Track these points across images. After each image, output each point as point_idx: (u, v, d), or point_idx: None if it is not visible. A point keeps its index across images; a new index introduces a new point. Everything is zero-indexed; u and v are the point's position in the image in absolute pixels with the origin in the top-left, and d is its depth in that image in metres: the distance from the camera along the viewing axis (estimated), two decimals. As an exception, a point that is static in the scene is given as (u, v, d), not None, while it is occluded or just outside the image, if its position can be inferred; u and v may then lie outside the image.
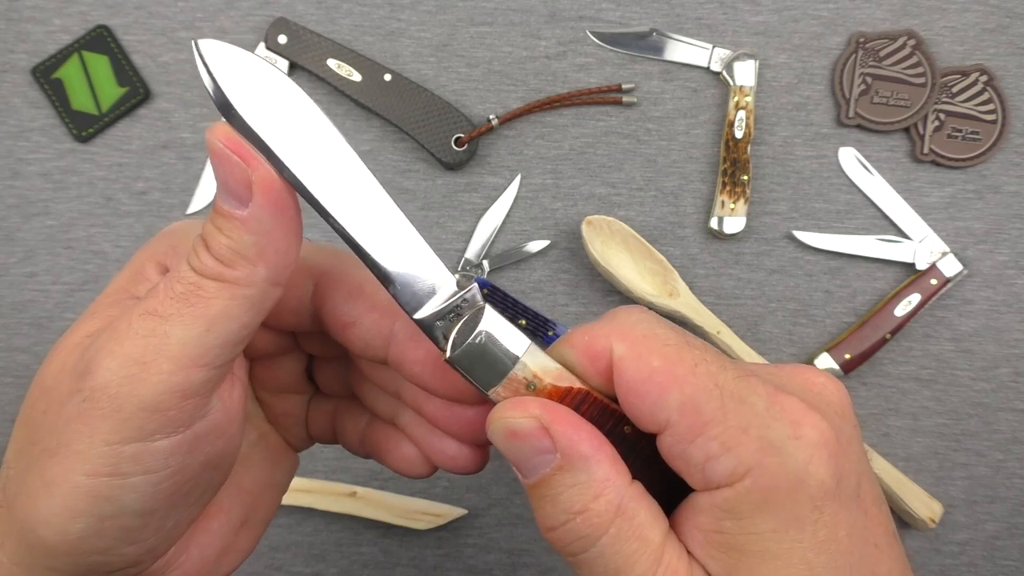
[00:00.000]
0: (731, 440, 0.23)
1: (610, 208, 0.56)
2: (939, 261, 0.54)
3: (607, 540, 0.23)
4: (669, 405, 0.23)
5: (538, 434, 0.24)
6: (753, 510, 0.23)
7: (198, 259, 0.24)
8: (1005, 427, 0.54)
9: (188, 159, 0.56)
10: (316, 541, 0.54)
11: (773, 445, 0.23)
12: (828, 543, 0.23)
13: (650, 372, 0.24)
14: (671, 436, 0.23)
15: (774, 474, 0.22)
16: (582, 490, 0.23)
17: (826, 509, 0.23)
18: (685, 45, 0.57)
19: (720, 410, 0.23)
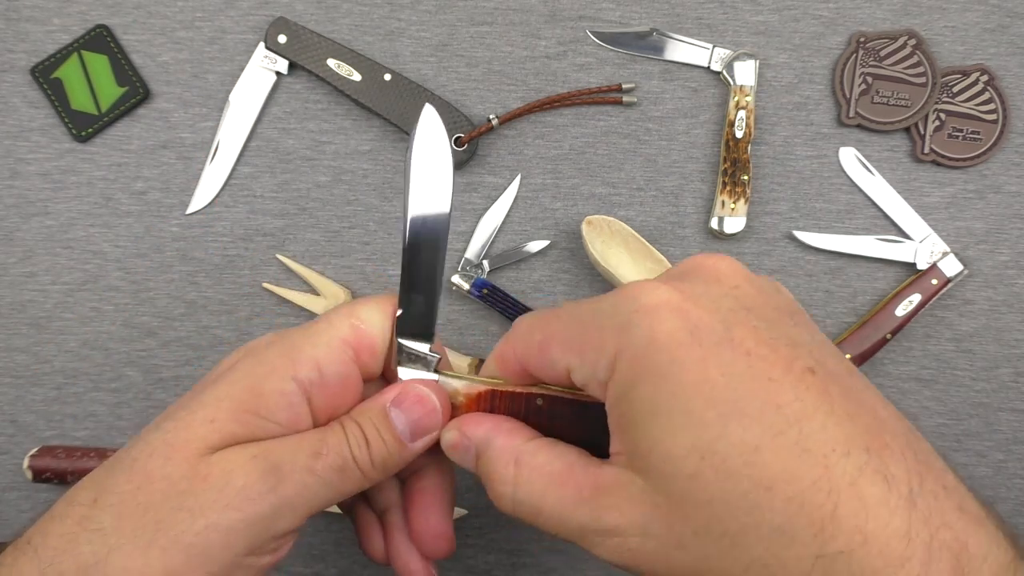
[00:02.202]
0: (598, 342, 0.27)
1: (610, 208, 0.56)
2: (940, 261, 0.54)
3: (520, 486, 0.29)
4: (556, 356, 0.29)
5: (460, 438, 0.31)
6: (631, 386, 0.26)
7: (359, 451, 0.31)
8: (1006, 427, 0.54)
9: (187, 159, 0.56)
10: (316, 541, 0.54)
11: (622, 325, 0.27)
12: (701, 384, 0.25)
13: (537, 345, 0.30)
14: (575, 373, 0.29)
15: (630, 346, 0.26)
16: (496, 457, 0.30)
17: (686, 357, 0.25)
18: (685, 45, 0.56)
19: (584, 330, 0.28)
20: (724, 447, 0.24)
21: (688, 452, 0.24)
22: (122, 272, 0.55)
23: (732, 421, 0.24)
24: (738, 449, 0.24)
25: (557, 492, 0.28)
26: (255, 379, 0.31)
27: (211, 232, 0.56)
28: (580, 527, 0.27)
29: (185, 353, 0.55)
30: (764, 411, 0.24)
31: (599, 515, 0.27)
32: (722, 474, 0.24)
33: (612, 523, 0.26)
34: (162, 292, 0.55)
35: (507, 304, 0.54)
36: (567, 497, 0.28)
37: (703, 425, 0.24)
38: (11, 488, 0.54)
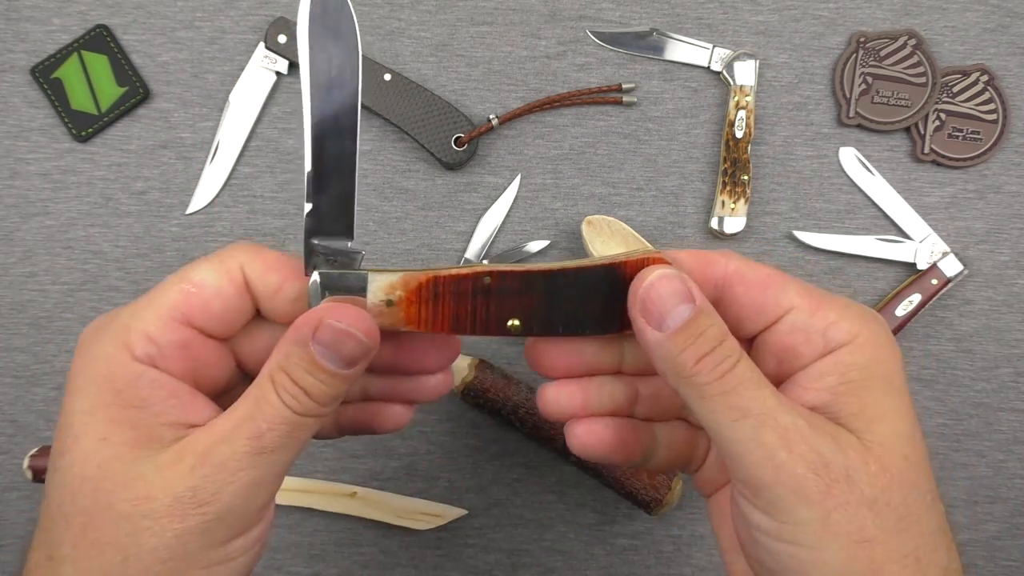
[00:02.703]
0: (841, 312, 0.30)
1: (610, 208, 0.56)
2: (940, 261, 0.54)
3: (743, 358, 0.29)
4: (790, 292, 0.30)
5: (680, 285, 0.29)
6: (870, 361, 0.29)
7: (299, 403, 0.29)
8: (1006, 427, 0.54)
9: (187, 159, 0.56)
10: (316, 541, 0.54)
11: (865, 316, 0.30)
12: (905, 389, 0.30)
13: (767, 274, 0.31)
14: (796, 314, 0.30)
15: (873, 332, 0.30)
16: (717, 325, 0.29)
17: (903, 372, 0.30)
18: (685, 45, 0.56)
19: (825, 295, 0.30)
20: (922, 448, 0.29)
21: (909, 434, 0.29)
22: (122, 272, 0.55)
23: (917, 432, 0.29)
24: (922, 455, 0.29)
25: (776, 391, 0.29)
26: (103, 377, 0.29)
27: (211, 232, 0.56)
28: (792, 426, 0.28)
29: (185, 353, 0.55)
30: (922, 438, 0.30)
31: (817, 431, 0.28)
32: (921, 468, 0.29)
33: (826, 449, 0.28)
34: (162, 292, 0.55)
35: (507, 304, 0.54)
36: (785, 401, 0.29)
37: (913, 422, 0.29)
38: (11, 488, 0.54)
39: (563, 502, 0.54)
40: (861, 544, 0.27)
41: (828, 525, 0.27)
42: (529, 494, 0.54)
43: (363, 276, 0.30)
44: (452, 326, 0.31)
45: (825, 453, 0.27)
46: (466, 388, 0.51)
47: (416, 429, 0.54)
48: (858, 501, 0.27)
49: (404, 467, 0.54)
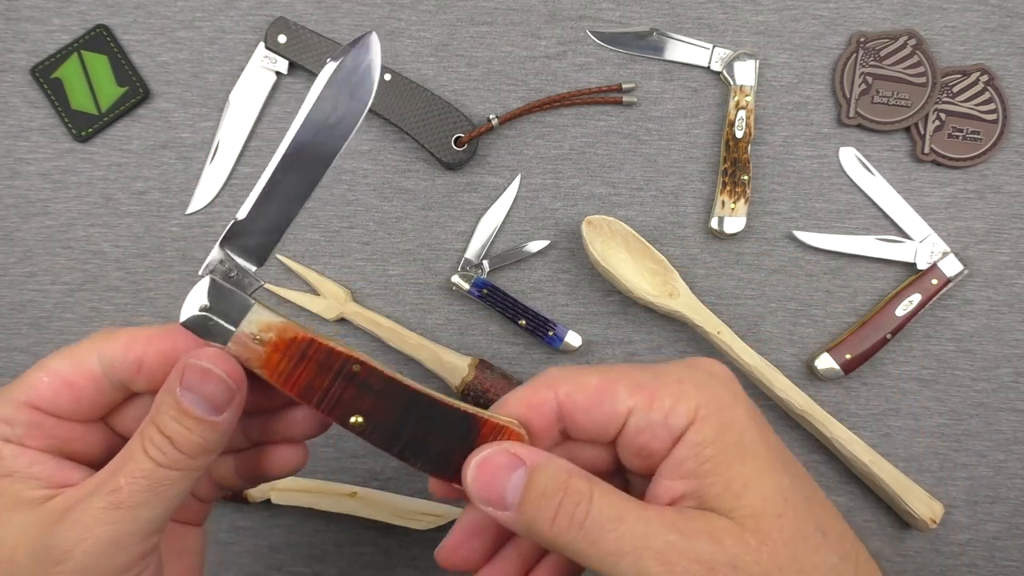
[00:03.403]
0: (676, 392, 0.30)
1: (610, 208, 0.56)
2: (940, 261, 0.54)
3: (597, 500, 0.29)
4: (621, 396, 0.30)
5: (509, 456, 0.29)
6: (717, 434, 0.29)
7: (163, 455, 0.29)
8: (1006, 427, 0.54)
9: (187, 159, 0.56)
10: (316, 541, 0.54)
11: (703, 384, 0.30)
12: (768, 444, 0.30)
13: (595, 386, 0.30)
14: (634, 416, 0.30)
15: (715, 400, 0.29)
16: (566, 471, 0.29)
17: (755, 417, 0.30)
18: (685, 45, 0.56)
19: (658, 379, 0.30)
20: (795, 495, 0.29)
21: (776, 493, 0.28)
22: (122, 272, 0.55)
23: (794, 476, 0.30)
24: (803, 497, 0.29)
25: (641, 511, 0.28)
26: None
27: (211, 232, 0.56)
28: (669, 546, 0.27)
29: (185, 353, 0.55)
30: (803, 474, 0.31)
31: (693, 540, 0.27)
32: (799, 515, 0.28)
33: (705, 551, 0.27)
34: (162, 292, 0.55)
35: (507, 304, 0.54)
36: (653, 518, 0.28)
37: (780, 474, 0.29)
38: (11, 488, 0.54)
39: (563, 502, 0.54)
40: None
41: None
42: (529, 494, 0.54)
43: (248, 304, 0.30)
44: (302, 392, 0.30)
45: (705, 556, 0.27)
46: (466, 388, 0.51)
47: (416, 429, 0.54)
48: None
49: (404, 467, 0.54)
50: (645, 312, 0.55)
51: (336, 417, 0.31)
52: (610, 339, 0.55)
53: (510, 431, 0.30)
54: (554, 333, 0.54)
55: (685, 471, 0.29)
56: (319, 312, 0.54)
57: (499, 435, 0.30)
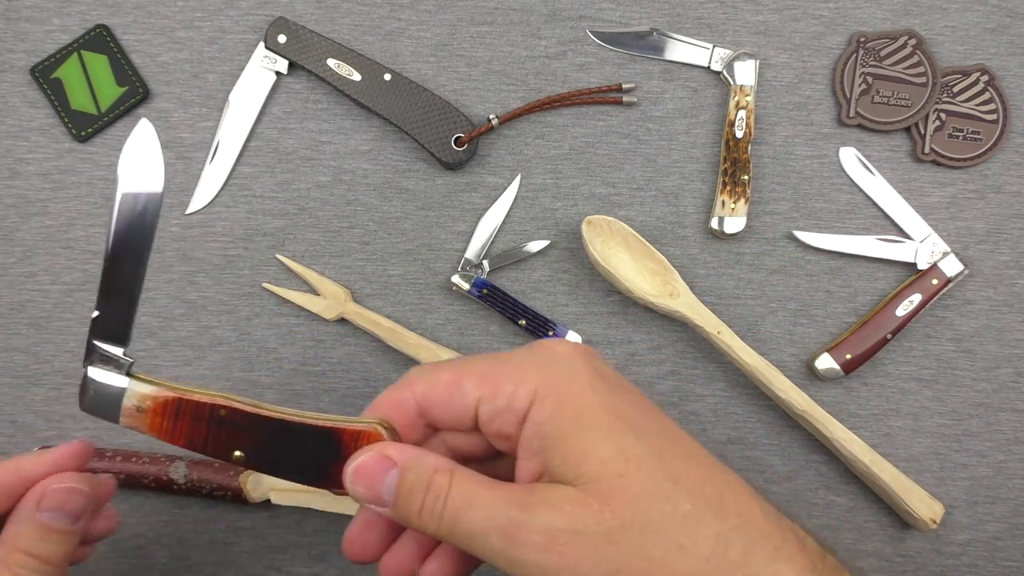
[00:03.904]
0: (516, 377, 0.32)
1: (610, 208, 0.56)
2: (940, 261, 0.54)
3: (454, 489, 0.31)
4: (468, 388, 0.32)
5: (380, 459, 0.32)
6: (556, 409, 0.31)
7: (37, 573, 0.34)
8: (1007, 427, 0.54)
9: (187, 159, 0.56)
10: (316, 541, 0.53)
11: (543, 364, 0.32)
12: (613, 409, 0.31)
13: (447, 381, 0.33)
14: (483, 405, 0.32)
15: (553, 378, 0.31)
16: (432, 467, 0.31)
17: (599, 390, 0.31)
18: (685, 45, 0.56)
19: (501, 367, 0.32)
20: (640, 451, 0.30)
21: (615, 455, 0.30)
22: (122, 272, 0.55)
23: (642, 434, 0.31)
24: (651, 453, 0.30)
25: (489, 494, 0.30)
26: None
27: (211, 232, 0.56)
28: (511, 521, 0.29)
29: (185, 353, 0.55)
30: (659, 429, 0.32)
31: (532, 512, 0.29)
32: (643, 472, 0.30)
33: (545, 520, 0.29)
34: (162, 292, 0.55)
35: (507, 304, 0.54)
36: (499, 498, 0.30)
37: (622, 435, 0.30)
38: (11, 488, 0.54)
39: (563, 502, 0.54)
40: (625, 570, 0.29)
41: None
42: (529, 494, 0.54)
43: (123, 383, 0.34)
44: (187, 443, 0.34)
45: (543, 525, 0.29)
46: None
47: (416, 429, 0.54)
48: (595, 547, 0.29)
49: (404, 467, 0.54)
50: (645, 312, 0.55)
51: (221, 455, 0.34)
52: (610, 339, 0.55)
53: (368, 434, 0.33)
54: (554, 333, 0.54)
55: (533, 449, 0.31)
56: (319, 312, 0.54)
57: (358, 440, 0.34)
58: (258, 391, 0.54)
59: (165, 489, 0.52)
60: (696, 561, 0.29)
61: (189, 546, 0.53)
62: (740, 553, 0.29)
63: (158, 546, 0.53)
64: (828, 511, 0.54)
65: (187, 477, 0.51)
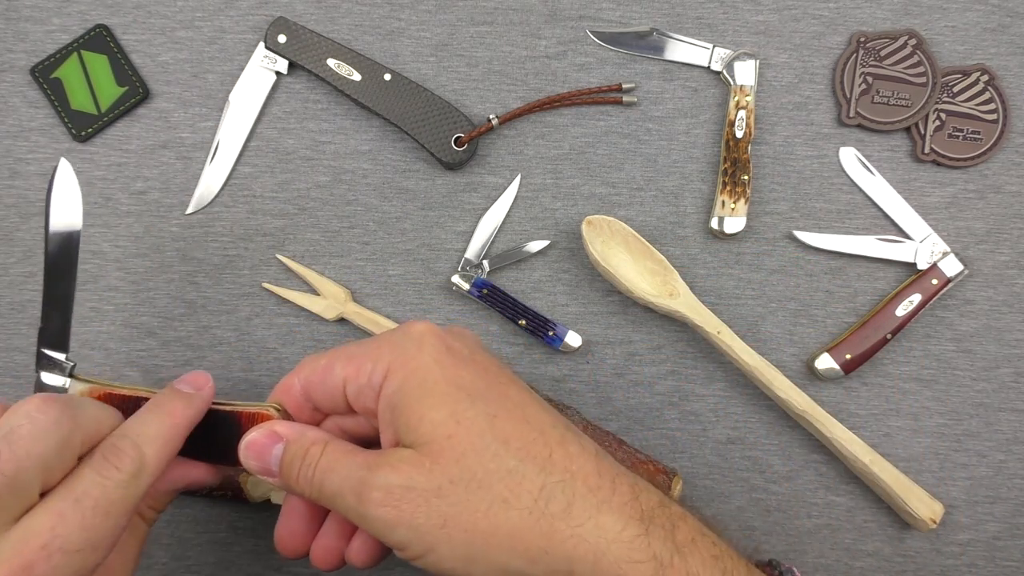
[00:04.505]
0: (374, 356, 0.35)
1: (610, 208, 0.56)
2: (940, 261, 0.54)
3: (324, 457, 0.35)
4: (336, 370, 0.36)
5: (268, 435, 0.36)
6: (403, 382, 0.34)
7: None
8: (1006, 427, 0.54)
9: (187, 159, 0.56)
10: (316, 542, 0.53)
11: (396, 343, 0.35)
12: (454, 379, 0.34)
13: (322, 365, 0.37)
14: (350, 385, 0.36)
15: (402, 355, 0.35)
16: (312, 440, 0.35)
17: (443, 364, 0.34)
18: (685, 45, 0.56)
19: (365, 349, 0.36)
20: (473, 415, 0.33)
21: (446, 418, 0.33)
22: (122, 272, 0.55)
23: (478, 400, 0.34)
24: (483, 416, 0.33)
25: (348, 459, 0.34)
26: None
27: (211, 232, 0.56)
28: (359, 480, 0.33)
29: (185, 353, 0.55)
30: (500, 397, 0.35)
31: (374, 472, 0.33)
32: (472, 433, 0.33)
33: (384, 478, 0.33)
34: (162, 292, 0.55)
35: (507, 304, 0.54)
36: (355, 463, 0.34)
37: (457, 401, 0.34)
38: (11, 488, 0.54)
39: (563, 502, 0.54)
40: (452, 523, 0.32)
41: (423, 532, 0.32)
42: (529, 494, 0.54)
43: (66, 383, 0.40)
44: None
45: (382, 482, 0.32)
46: (466, 388, 0.51)
47: (416, 429, 0.54)
48: (425, 499, 0.32)
49: (404, 467, 0.54)
50: (645, 312, 0.55)
51: None
52: (610, 339, 0.55)
53: (263, 416, 0.38)
54: (554, 333, 0.54)
55: (387, 421, 0.35)
56: (319, 312, 0.54)
57: (254, 421, 0.39)
58: (258, 391, 0.54)
59: (165, 489, 0.52)
60: (518, 513, 0.32)
61: (189, 546, 0.53)
62: (562, 505, 0.32)
63: (158, 546, 0.53)
64: (828, 511, 0.54)
65: (187, 477, 0.51)
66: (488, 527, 0.32)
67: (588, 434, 0.50)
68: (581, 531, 0.32)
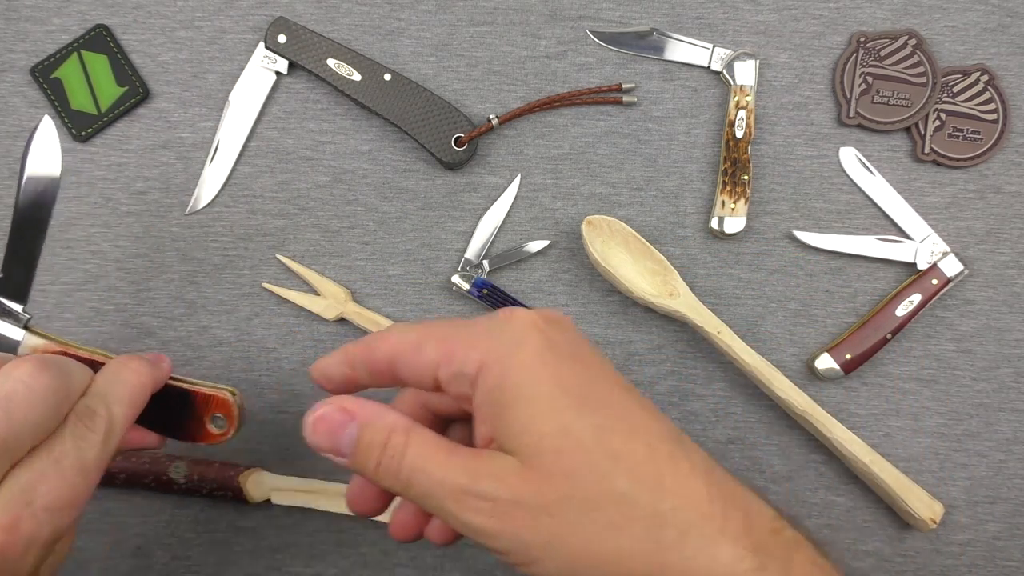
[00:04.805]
0: (468, 343, 0.32)
1: (610, 208, 0.56)
2: (940, 261, 0.54)
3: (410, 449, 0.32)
4: (428, 350, 0.33)
5: (338, 412, 0.33)
6: (501, 378, 0.31)
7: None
8: (1006, 427, 0.54)
9: (187, 159, 0.56)
10: (316, 541, 0.53)
11: (494, 332, 0.33)
12: (558, 381, 0.31)
13: (413, 340, 0.34)
14: (442, 368, 0.33)
15: (501, 347, 0.32)
16: (389, 427, 0.32)
17: (546, 362, 0.32)
18: (685, 45, 0.56)
19: (459, 333, 0.33)
20: (581, 427, 0.31)
21: (554, 431, 0.31)
22: (122, 272, 0.55)
23: (585, 409, 0.31)
24: (591, 428, 0.31)
25: (444, 457, 0.31)
26: None
27: (211, 232, 0.56)
28: (460, 488, 0.31)
29: (185, 353, 0.55)
30: (606, 404, 0.32)
31: (478, 481, 0.31)
32: (581, 449, 0.30)
33: (489, 490, 0.30)
34: (162, 292, 0.55)
35: (507, 304, 0.54)
36: (451, 464, 0.31)
37: (563, 411, 0.31)
38: (11, 488, 0.54)
39: (563, 502, 0.54)
40: (560, 542, 0.30)
41: (528, 546, 0.30)
42: (529, 494, 0.54)
43: (20, 336, 0.40)
44: None
45: (489, 494, 0.30)
46: (466, 388, 0.51)
47: (416, 429, 0.54)
48: (533, 516, 0.30)
49: (404, 467, 0.54)
50: (645, 312, 0.55)
51: None
52: (610, 339, 0.55)
53: (218, 399, 0.41)
54: (554, 333, 0.54)
55: (483, 416, 0.32)
56: (319, 312, 0.54)
57: (209, 402, 0.42)
58: (258, 391, 0.54)
59: (165, 489, 0.52)
60: (629, 540, 0.30)
61: (189, 546, 0.53)
62: (674, 536, 0.30)
63: (158, 546, 0.53)
64: (828, 511, 0.54)
65: (187, 477, 0.51)
66: (597, 551, 0.30)
67: None
68: (693, 564, 0.30)
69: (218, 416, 0.43)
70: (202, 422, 0.43)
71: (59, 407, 0.35)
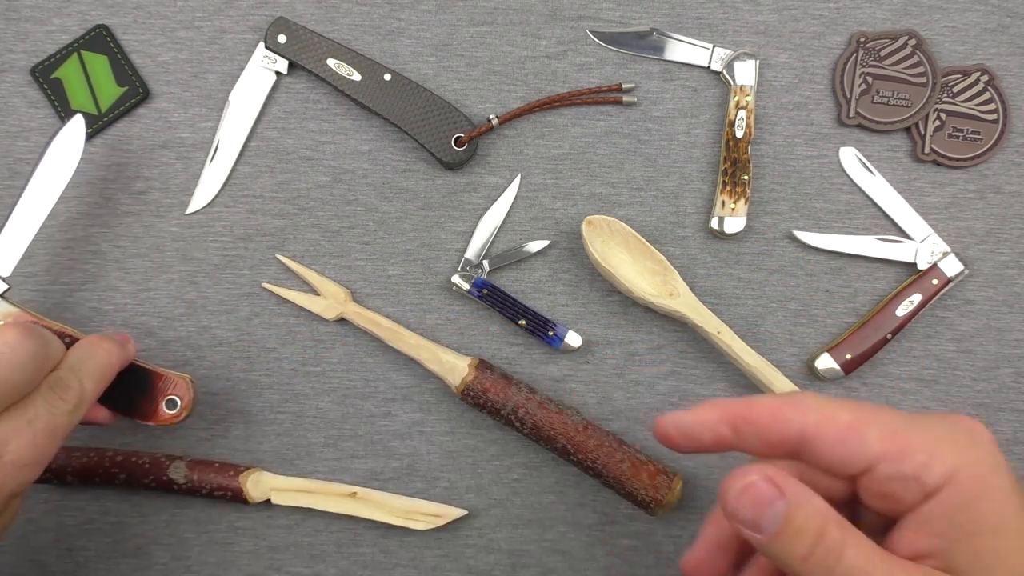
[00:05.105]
0: (932, 447, 0.29)
1: (610, 208, 0.56)
2: (940, 261, 0.54)
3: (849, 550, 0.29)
4: (871, 441, 0.29)
5: (770, 487, 0.29)
6: (974, 499, 0.28)
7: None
8: (1006, 428, 0.54)
9: (187, 159, 0.56)
10: (316, 541, 0.53)
11: (965, 444, 0.29)
12: (1014, 512, 0.29)
13: (846, 424, 0.30)
14: (884, 465, 0.29)
15: (976, 463, 0.29)
16: (821, 514, 0.29)
17: (1017, 488, 0.29)
18: (685, 45, 0.56)
19: (912, 429, 0.30)
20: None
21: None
22: (122, 272, 0.55)
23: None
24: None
25: (887, 567, 0.28)
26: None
27: (211, 232, 0.56)
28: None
29: (185, 353, 0.55)
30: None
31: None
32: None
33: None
34: (162, 292, 0.55)
35: (507, 304, 0.54)
36: (899, 572, 0.28)
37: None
38: (11, 488, 0.54)
39: (563, 502, 0.54)
40: None
41: None
42: (529, 494, 0.54)
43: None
44: None
45: None
46: (466, 388, 0.51)
47: (416, 429, 0.54)
48: None
49: (404, 467, 0.54)
50: (645, 312, 0.55)
51: None
52: (610, 339, 0.55)
53: (177, 381, 0.46)
54: (554, 333, 0.54)
55: (934, 531, 0.29)
56: (319, 312, 0.54)
57: (168, 382, 0.46)
58: (258, 391, 0.54)
59: (165, 489, 0.52)
60: None
61: (189, 546, 0.53)
62: None
63: (158, 546, 0.53)
64: (828, 511, 0.54)
65: (187, 477, 0.51)
66: None
67: (587, 434, 0.50)
68: None
69: (173, 398, 0.47)
70: (156, 403, 0.47)
71: (37, 372, 0.38)
